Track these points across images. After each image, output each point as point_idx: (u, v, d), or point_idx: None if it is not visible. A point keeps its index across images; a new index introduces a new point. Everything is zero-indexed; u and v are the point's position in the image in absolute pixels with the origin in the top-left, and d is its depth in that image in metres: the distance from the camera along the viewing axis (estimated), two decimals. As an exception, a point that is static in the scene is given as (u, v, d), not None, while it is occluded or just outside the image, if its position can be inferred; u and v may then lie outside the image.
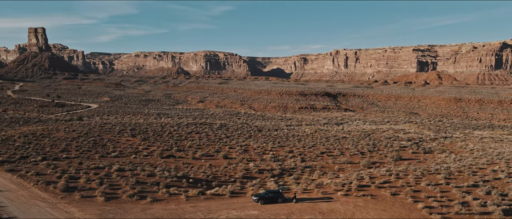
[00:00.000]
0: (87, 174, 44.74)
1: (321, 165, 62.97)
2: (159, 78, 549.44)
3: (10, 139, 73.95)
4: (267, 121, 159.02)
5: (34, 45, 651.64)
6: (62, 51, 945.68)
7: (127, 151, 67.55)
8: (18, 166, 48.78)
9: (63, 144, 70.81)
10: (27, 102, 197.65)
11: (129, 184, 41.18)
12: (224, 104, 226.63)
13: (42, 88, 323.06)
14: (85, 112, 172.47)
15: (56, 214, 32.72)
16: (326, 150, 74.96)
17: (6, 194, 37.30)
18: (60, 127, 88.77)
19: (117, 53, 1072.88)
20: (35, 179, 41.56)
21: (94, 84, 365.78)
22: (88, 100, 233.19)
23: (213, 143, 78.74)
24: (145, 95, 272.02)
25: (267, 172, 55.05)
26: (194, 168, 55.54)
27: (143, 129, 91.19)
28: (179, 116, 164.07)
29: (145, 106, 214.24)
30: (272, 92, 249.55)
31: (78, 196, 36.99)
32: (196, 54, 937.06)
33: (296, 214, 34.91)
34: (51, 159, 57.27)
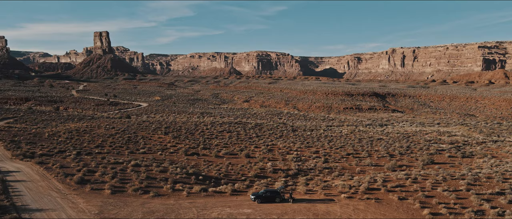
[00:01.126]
0: (105, 168, 47.74)
1: (343, 166, 61.50)
2: (211, 78, 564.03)
3: (56, 134, 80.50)
4: (307, 121, 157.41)
5: (98, 48, 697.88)
6: (124, 53, 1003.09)
7: (155, 147, 70.70)
8: (48, 159, 53.18)
9: (100, 140, 75.76)
10: (85, 101, 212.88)
11: (139, 179, 43.33)
12: (269, 104, 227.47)
13: (102, 88, 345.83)
14: (135, 110, 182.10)
15: (63, 203, 35.44)
16: (354, 152, 72.95)
17: (28, 184, 41.01)
18: (102, 124, 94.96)
19: (173, 54, 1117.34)
20: (57, 171, 45.17)
21: (148, 84, 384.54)
22: (140, 99, 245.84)
23: (241, 142, 79.79)
24: (194, 94, 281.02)
25: (282, 171, 54.93)
26: (212, 166, 56.85)
27: (177, 127, 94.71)
28: (222, 115, 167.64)
29: (191, 105, 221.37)
30: (318, 92, 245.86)
31: (89, 188, 39.69)
32: (248, 54, 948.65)
33: (290, 214, 34.69)
34: (84, 153, 61.77)
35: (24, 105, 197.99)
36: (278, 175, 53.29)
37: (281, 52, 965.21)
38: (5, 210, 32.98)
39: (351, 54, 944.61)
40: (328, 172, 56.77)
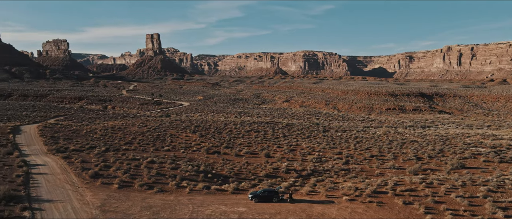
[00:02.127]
0: (121, 163, 50.27)
1: (362, 168, 59.83)
2: (256, 78, 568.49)
3: (93, 131, 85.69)
4: (344, 122, 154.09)
5: (150, 49, 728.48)
6: (174, 54, 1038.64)
7: (180, 145, 73.01)
8: (76, 154, 56.89)
9: (131, 137, 79.57)
10: (132, 100, 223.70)
11: (148, 175, 45.20)
12: (309, 104, 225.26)
13: (150, 88, 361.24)
14: (176, 109, 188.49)
15: (72, 196, 37.94)
16: (379, 154, 70.61)
17: (48, 176, 44.30)
18: (137, 122, 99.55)
19: (221, 54, 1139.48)
20: (77, 165, 48.29)
21: (194, 84, 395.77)
22: (183, 99, 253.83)
23: (266, 142, 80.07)
24: (236, 94, 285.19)
25: (295, 172, 54.57)
26: (227, 164, 57.75)
27: (207, 126, 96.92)
28: (259, 114, 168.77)
29: (231, 105, 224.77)
30: (360, 93, 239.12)
31: (100, 182, 42.09)
32: (295, 54, 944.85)
33: (283, 214, 34.58)
34: (112, 149, 65.24)
35: (77, 104, 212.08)
36: (290, 175, 53.03)
37: (328, 52, 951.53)
38: (18, 200, 35.95)
39: (402, 53, 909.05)
40: (344, 174, 55.52)
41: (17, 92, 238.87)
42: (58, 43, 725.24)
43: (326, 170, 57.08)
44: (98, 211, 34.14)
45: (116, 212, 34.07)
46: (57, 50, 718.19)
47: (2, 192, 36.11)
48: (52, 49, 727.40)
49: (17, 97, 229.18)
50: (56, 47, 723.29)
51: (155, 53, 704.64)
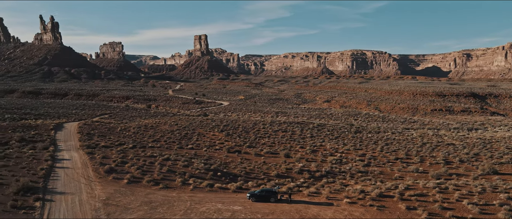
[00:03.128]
0: (138, 160, 52.59)
1: (382, 171, 57.84)
2: (301, 78, 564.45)
3: (127, 129, 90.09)
4: (383, 123, 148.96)
5: (198, 50, 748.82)
6: (221, 54, 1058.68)
7: (204, 144, 74.74)
8: (102, 150, 60.30)
9: (159, 135, 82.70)
10: (175, 99, 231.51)
11: (158, 172, 46.96)
12: (350, 105, 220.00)
13: (195, 88, 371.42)
14: (215, 109, 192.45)
15: (83, 189, 40.45)
16: (405, 156, 67.76)
17: (68, 171, 47.49)
18: (169, 120, 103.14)
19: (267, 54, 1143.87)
20: (97, 161, 51.25)
21: (237, 84, 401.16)
22: (225, 98, 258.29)
23: (291, 142, 79.75)
24: (277, 94, 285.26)
25: (308, 173, 53.94)
26: (243, 164, 58.30)
27: (236, 125, 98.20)
28: (296, 114, 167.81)
29: (271, 104, 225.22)
30: (404, 93, 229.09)
31: (111, 177, 44.42)
32: (342, 53, 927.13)
33: (276, 214, 34.55)
34: (138, 146, 68.35)
35: (124, 103, 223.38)
36: (302, 176, 52.54)
37: (377, 51, 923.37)
38: (35, 191, 38.96)
39: (458, 51, 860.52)
40: (360, 176, 53.99)
41: (73, 92, 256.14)
42: (113, 46, 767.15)
43: (342, 172, 55.85)
44: (101, 204, 36.18)
45: (117, 205, 35.89)
46: (112, 52, 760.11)
47: (21, 184, 39.33)
48: (108, 51, 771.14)
49: (72, 97, 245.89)
50: (112, 49, 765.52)
51: (202, 54, 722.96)
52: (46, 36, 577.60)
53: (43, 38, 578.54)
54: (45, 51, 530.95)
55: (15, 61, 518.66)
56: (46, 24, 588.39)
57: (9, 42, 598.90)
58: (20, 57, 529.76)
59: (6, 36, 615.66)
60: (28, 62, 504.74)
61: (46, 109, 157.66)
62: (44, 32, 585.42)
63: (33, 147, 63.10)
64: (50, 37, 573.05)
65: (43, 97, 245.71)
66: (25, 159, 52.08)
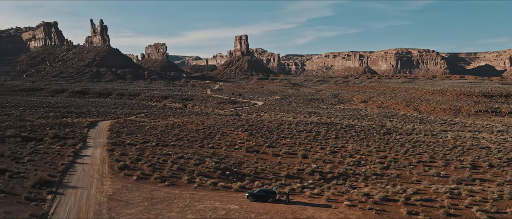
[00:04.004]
0: (153, 157, 54.46)
1: (400, 174, 55.81)
2: (341, 78, 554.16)
3: (155, 128, 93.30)
4: (419, 124, 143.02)
5: (238, 50, 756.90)
6: (262, 54, 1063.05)
7: (225, 143, 75.75)
8: (120, 147, 63.04)
9: (184, 134, 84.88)
10: (211, 99, 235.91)
11: (168, 169, 48.40)
12: (387, 105, 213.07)
13: (233, 88, 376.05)
14: (248, 109, 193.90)
15: (94, 184, 42.64)
16: (429, 160, 64.84)
17: (86, 166, 50.19)
18: (196, 120, 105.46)
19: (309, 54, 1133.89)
20: (114, 158, 53.70)
21: (275, 84, 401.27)
22: (260, 98, 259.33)
23: (311, 143, 78.89)
24: (314, 94, 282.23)
25: (320, 174, 53.20)
26: (259, 163, 58.50)
27: (261, 125, 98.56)
28: (329, 115, 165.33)
29: (305, 105, 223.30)
30: (447, 93, 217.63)
31: (123, 174, 46.42)
32: (386, 52, 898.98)
33: (271, 214, 34.60)
34: (161, 144, 70.69)
35: (162, 102, 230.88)
36: (312, 177, 51.93)
37: (424, 49, 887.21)
38: (50, 185, 41.64)
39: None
40: (375, 179, 52.47)
41: (116, 92, 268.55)
42: (158, 47, 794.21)
43: (356, 174, 54.55)
44: (106, 199, 37.99)
45: (120, 201, 37.54)
46: (156, 53, 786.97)
47: (38, 177, 42.21)
48: (152, 52, 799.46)
49: (115, 96, 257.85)
50: (156, 50, 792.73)
51: (243, 54, 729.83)
52: (96, 38, 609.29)
53: (93, 41, 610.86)
54: (95, 53, 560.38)
55: (67, 63, 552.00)
56: (96, 27, 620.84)
57: (63, 45, 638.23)
58: (72, 59, 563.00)
59: (60, 39, 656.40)
60: (79, 64, 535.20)
61: (89, 108, 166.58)
62: (94, 35, 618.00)
63: (63, 143, 67.21)
64: (99, 39, 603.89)
65: (89, 96, 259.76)
66: (51, 154, 55.67)
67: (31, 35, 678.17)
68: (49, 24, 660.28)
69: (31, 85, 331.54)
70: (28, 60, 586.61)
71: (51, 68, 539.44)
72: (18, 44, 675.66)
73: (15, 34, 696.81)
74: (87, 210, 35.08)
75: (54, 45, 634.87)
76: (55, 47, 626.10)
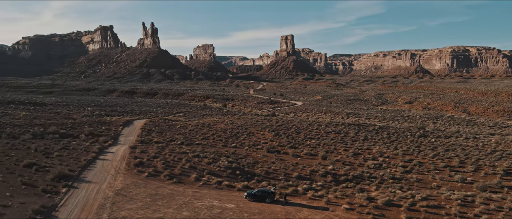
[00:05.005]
0: (170, 155, 56.30)
1: (420, 179, 53.27)
2: (389, 78, 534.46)
3: (185, 127, 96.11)
4: (466, 127, 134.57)
5: (284, 50, 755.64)
6: (309, 54, 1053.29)
7: (248, 143, 76.34)
8: (146, 145, 65.75)
9: (211, 133, 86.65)
10: (251, 99, 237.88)
11: (179, 167, 49.82)
12: (434, 106, 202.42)
13: (276, 88, 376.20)
14: (286, 109, 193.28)
15: (107, 180, 44.98)
16: (459, 164, 61.05)
17: (106, 162, 53.00)
18: (226, 119, 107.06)
19: (357, 54, 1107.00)
20: (134, 155, 56.18)
21: (318, 84, 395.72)
22: (301, 98, 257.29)
23: (336, 144, 77.33)
24: (357, 95, 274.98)
25: (332, 176, 52.10)
26: (275, 164, 58.45)
27: (290, 125, 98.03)
28: (369, 116, 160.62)
29: (346, 105, 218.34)
30: (502, 94, 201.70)
31: (136, 170, 48.48)
32: (441, 50, 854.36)
33: (265, 214, 34.65)
34: (186, 143, 72.89)
35: (203, 102, 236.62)
36: (324, 179, 50.99)
37: (484, 47, 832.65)
38: (68, 178, 44.55)
39: None
40: (391, 183, 50.49)
41: (161, 92, 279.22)
42: (205, 48, 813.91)
43: (372, 177, 52.80)
44: (113, 193, 40.02)
45: (125, 196, 39.38)
46: (204, 53, 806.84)
47: (58, 171, 45.33)
48: (200, 53, 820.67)
49: (160, 96, 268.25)
50: (204, 51, 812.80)
51: (288, 54, 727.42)
52: (147, 41, 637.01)
53: (144, 43, 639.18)
54: (145, 55, 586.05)
55: (121, 64, 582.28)
56: (147, 30, 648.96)
57: (117, 47, 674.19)
58: (125, 61, 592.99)
59: (115, 42, 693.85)
60: (131, 65, 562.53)
61: (132, 107, 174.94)
62: (145, 37, 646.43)
63: (95, 140, 71.38)
64: (150, 41, 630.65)
65: (137, 96, 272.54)
66: (78, 150, 59.42)
67: (90, 38, 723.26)
68: (105, 28, 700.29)
69: (87, 85, 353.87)
70: (86, 62, 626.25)
71: (106, 69, 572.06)
72: (78, 47, 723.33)
73: (76, 38, 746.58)
74: (93, 204, 37.19)
75: (109, 48, 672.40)
76: (110, 50, 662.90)
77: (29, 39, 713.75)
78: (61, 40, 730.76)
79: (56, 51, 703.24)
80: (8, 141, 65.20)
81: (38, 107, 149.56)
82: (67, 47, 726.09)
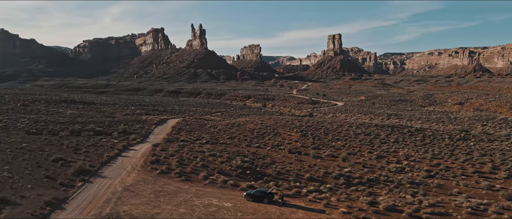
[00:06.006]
0: (187, 154, 57.83)
1: (442, 184, 50.36)
2: (443, 78, 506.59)
3: (215, 126, 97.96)
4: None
5: (331, 50, 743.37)
6: (357, 54, 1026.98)
7: (272, 143, 76.26)
8: (167, 143, 68.01)
9: (238, 132, 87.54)
10: (291, 99, 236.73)
11: (191, 166, 51.04)
12: (487, 108, 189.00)
13: (320, 88, 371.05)
14: (326, 109, 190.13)
15: (122, 176, 47.18)
16: (490, 170, 56.88)
17: (126, 159, 55.54)
18: (257, 119, 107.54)
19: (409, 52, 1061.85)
20: (154, 153, 58.37)
21: (364, 84, 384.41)
22: (344, 99, 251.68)
23: (362, 146, 75.07)
24: (404, 95, 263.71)
25: (344, 178, 50.70)
26: (292, 165, 57.99)
27: (319, 126, 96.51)
28: (411, 117, 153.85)
29: (389, 106, 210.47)
30: None
31: (150, 168, 50.39)
32: (503, 48, 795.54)
33: (258, 215, 34.71)
34: (210, 143, 74.44)
35: (244, 102, 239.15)
36: (336, 181, 49.79)
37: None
38: (86, 173, 47.35)
39: None
40: (408, 187, 48.18)
41: (205, 91, 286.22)
42: (252, 48, 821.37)
43: (388, 181, 50.72)
44: (122, 189, 42.00)
45: (132, 191, 41.18)
46: (251, 54, 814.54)
47: (78, 166, 48.37)
48: (247, 53, 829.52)
49: (203, 96, 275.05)
50: (251, 51, 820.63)
51: (336, 54, 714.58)
52: (195, 42, 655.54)
53: (193, 44, 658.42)
54: (193, 55, 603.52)
55: (170, 65, 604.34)
56: (196, 31, 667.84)
57: (167, 49, 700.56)
58: (174, 61, 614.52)
59: (166, 43, 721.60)
60: (180, 65, 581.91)
61: (174, 106, 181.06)
62: (194, 39, 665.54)
63: (126, 138, 74.99)
64: (198, 42, 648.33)
65: (181, 96, 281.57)
66: (105, 147, 62.83)
67: (142, 40, 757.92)
68: (157, 30, 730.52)
69: (137, 85, 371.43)
70: (138, 63, 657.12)
71: (156, 70, 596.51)
72: (132, 49, 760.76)
73: (130, 40, 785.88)
74: (101, 198, 39.30)
75: (160, 49, 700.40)
76: (161, 51, 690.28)
77: (89, 42, 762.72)
78: (117, 42, 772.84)
79: (112, 53, 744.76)
80: (46, 137, 70.42)
81: (87, 106, 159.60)
82: (122, 49, 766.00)
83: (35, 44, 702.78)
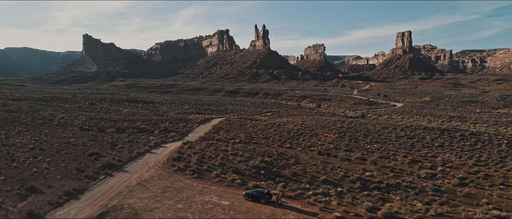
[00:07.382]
0: (211, 152, 59.41)
1: (472, 193, 46.07)
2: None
3: (255, 126, 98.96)
4: None
5: (399, 48, 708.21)
6: (430, 52, 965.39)
7: (305, 144, 75.30)
8: (200, 141, 70.28)
9: (274, 132, 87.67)
10: (347, 100, 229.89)
11: (209, 164, 52.38)
12: None
13: (383, 88, 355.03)
14: (382, 110, 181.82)
15: (142, 171, 50.03)
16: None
17: (152, 156, 58.60)
18: (299, 119, 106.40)
19: (491, 49, 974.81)
20: (180, 150, 60.83)
21: (432, 84, 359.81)
22: (406, 99, 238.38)
23: (399, 149, 70.93)
24: (476, 96, 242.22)
25: (361, 182, 48.46)
26: (315, 167, 56.94)
27: (360, 128, 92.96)
28: (475, 120, 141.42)
29: (455, 108, 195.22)
30: None
31: (170, 164, 52.66)
32: None
33: (250, 214, 34.92)
34: (243, 142, 75.60)
35: (300, 102, 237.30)
36: (353, 185, 47.83)
37: None
38: (112, 167, 50.97)
39: None
40: (430, 195, 44.85)
41: (262, 91, 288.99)
42: (316, 48, 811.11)
43: (410, 187, 47.57)
44: (135, 183, 44.62)
45: (144, 186, 43.57)
46: (315, 53, 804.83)
47: (105, 161, 52.21)
48: (311, 53, 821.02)
49: (260, 96, 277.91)
50: (314, 51, 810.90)
51: (404, 52, 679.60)
52: (258, 42, 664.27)
53: (256, 45, 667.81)
54: (256, 56, 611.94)
55: (233, 65, 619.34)
56: (259, 32, 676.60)
57: (231, 50, 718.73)
58: (237, 62, 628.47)
59: (230, 44, 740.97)
60: (242, 66, 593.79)
61: (227, 106, 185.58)
62: (257, 39, 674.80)
63: (165, 135, 79.07)
64: (261, 43, 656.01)
65: (239, 95, 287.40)
66: (139, 144, 66.86)
67: (209, 42, 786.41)
68: (222, 32, 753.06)
69: (200, 85, 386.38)
70: (204, 64, 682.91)
71: (220, 70, 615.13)
72: (199, 50, 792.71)
73: (197, 42, 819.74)
74: (114, 191, 42.18)
75: (225, 50, 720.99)
76: (225, 52, 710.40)
77: (160, 45, 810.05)
78: (185, 44, 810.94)
79: (181, 55, 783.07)
80: (94, 133, 76.76)
81: (145, 105, 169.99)
82: (190, 51, 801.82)
83: (113, 48, 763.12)
